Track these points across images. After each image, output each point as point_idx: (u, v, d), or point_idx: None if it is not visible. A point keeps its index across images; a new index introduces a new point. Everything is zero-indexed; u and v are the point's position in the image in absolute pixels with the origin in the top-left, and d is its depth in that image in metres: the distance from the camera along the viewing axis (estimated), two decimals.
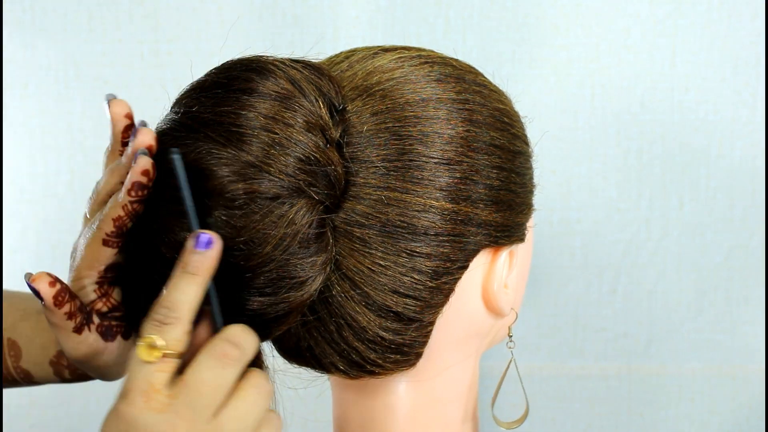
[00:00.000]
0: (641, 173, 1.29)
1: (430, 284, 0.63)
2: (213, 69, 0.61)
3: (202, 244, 0.56)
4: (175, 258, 0.58)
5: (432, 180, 0.62)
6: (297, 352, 0.66)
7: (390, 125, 0.62)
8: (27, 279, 0.61)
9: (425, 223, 0.61)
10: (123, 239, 0.61)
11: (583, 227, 1.30)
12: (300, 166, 0.58)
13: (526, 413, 0.75)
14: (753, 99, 1.27)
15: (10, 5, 1.26)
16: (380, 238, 0.61)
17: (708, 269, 1.30)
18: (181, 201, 0.57)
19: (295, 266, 0.59)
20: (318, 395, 0.75)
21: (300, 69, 0.61)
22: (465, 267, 0.64)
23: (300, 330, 0.63)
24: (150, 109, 0.65)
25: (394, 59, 0.65)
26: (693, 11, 1.25)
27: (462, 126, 0.63)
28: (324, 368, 0.65)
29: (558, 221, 1.29)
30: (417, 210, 0.61)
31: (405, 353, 0.65)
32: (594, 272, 1.31)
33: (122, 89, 1.26)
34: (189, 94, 0.61)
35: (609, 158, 1.28)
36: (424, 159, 0.62)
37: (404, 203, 0.61)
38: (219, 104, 0.58)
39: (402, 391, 0.68)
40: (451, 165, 0.62)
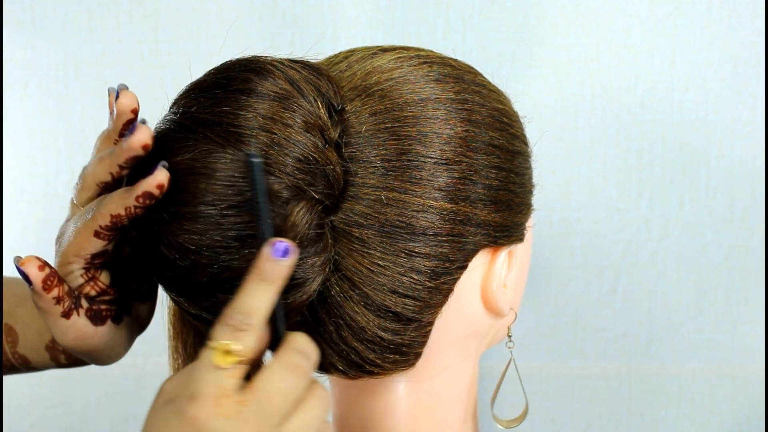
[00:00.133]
0: (641, 173, 1.28)
1: (429, 284, 0.63)
2: (211, 69, 0.61)
3: (279, 252, 0.55)
4: (175, 258, 0.58)
5: (431, 180, 0.61)
6: None
7: (389, 125, 0.62)
8: (16, 262, 0.61)
9: (424, 223, 0.61)
10: (116, 234, 0.61)
11: (583, 227, 1.30)
12: (299, 167, 0.58)
13: (526, 412, 0.75)
14: (753, 99, 1.27)
15: (10, 5, 1.26)
16: (379, 238, 0.61)
17: (708, 269, 1.30)
18: (256, 206, 0.55)
19: (295, 267, 0.59)
20: None
21: (299, 69, 0.60)
22: (464, 267, 0.64)
23: (299, 330, 0.63)
24: (150, 109, 0.65)
25: (393, 59, 0.65)
26: (693, 11, 1.25)
27: (461, 126, 0.63)
28: (323, 368, 0.65)
29: (558, 221, 1.29)
30: (416, 210, 0.61)
31: (404, 353, 0.65)
32: (594, 272, 1.30)
33: None
34: (187, 95, 0.61)
35: (609, 158, 1.28)
36: (423, 159, 0.62)
37: (403, 203, 0.61)
38: (218, 105, 0.58)
39: (401, 391, 0.68)
40: (450, 165, 0.62)
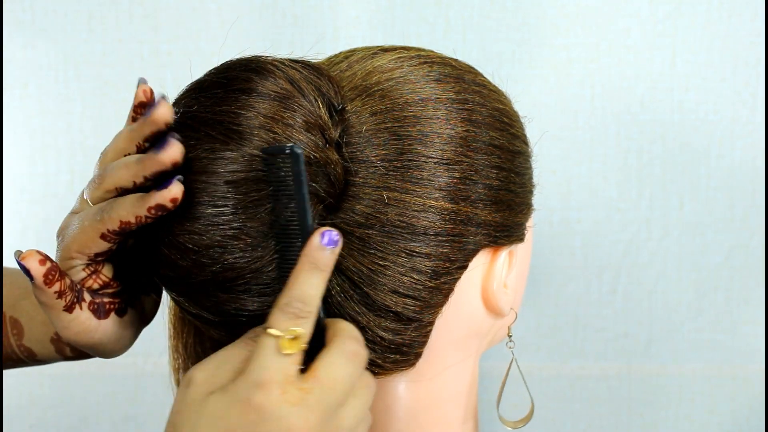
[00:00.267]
0: (641, 173, 1.28)
1: (430, 284, 0.63)
2: (212, 69, 0.61)
3: (332, 242, 0.57)
4: (176, 258, 0.58)
5: (431, 180, 0.61)
6: None
7: (389, 125, 0.62)
8: (17, 257, 0.60)
9: (424, 223, 0.61)
10: (122, 237, 0.61)
11: (583, 227, 1.30)
12: None
13: (532, 412, 0.75)
14: (753, 99, 1.27)
15: (10, 5, 1.26)
16: (379, 238, 0.61)
17: (708, 269, 1.30)
18: (299, 196, 0.56)
19: None
20: None
21: (299, 69, 0.60)
22: (464, 267, 0.64)
23: None
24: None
25: (394, 59, 0.65)
26: (693, 11, 1.25)
27: (461, 126, 0.63)
28: None
29: (558, 221, 1.29)
30: (416, 210, 0.61)
31: (404, 353, 0.65)
32: (594, 272, 1.30)
33: (122, 89, 1.26)
34: (188, 95, 0.61)
35: (609, 158, 1.28)
36: (424, 159, 0.62)
37: (403, 203, 0.61)
38: (218, 104, 0.58)
39: (402, 392, 0.68)
40: (451, 165, 0.62)
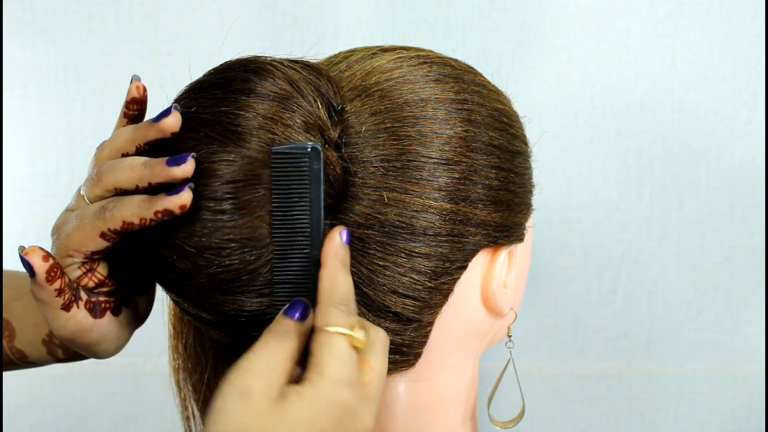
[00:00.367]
0: (641, 173, 1.28)
1: (429, 284, 0.63)
2: (211, 69, 0.61)
3: (349, 240, 0.60)
4: (174, 259, 0.58)
5: (431, 180, 0.61)
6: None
7: (389, 125, 0.62)
8: (20, 251, 0.60)
9: (424, 224, 0.61)
10: (121, 238, 0.60)
11: (583, 227, 1.30)
12: None
13: (522, 413, 0.75)
14: (753, 99, 1.27)
15: (10, 5, 1.26)
16: (379, 239, 0.61)
17: (708, 269, 1.30)
18: (315, 195, 0.59)
19: None
20: None
21: (298, 69, 0.60)
22: (464, 267, 0.64)
23: None
24: (150, 110, 0.65)
25: (393, 59, 0.65)
26: (693, 11, 1.25)
27: (460, 126, 0.63)
28: None
29: (558, 221, 1.29)
30: (416, 210, 0.61)
31: (404, 353, 0.65)
32: (594, 272, 1.30)
33: (122, 89, 1.26)
34: (187, 95, 0.61)
35: (609, 158, 1.28)
36: (423, 159, 0.62)
37: (403, 203, 0.61)
38: (217, 105, 0.58)
39: (401, 392, 0.68)
40: (450, 165, 0.62)
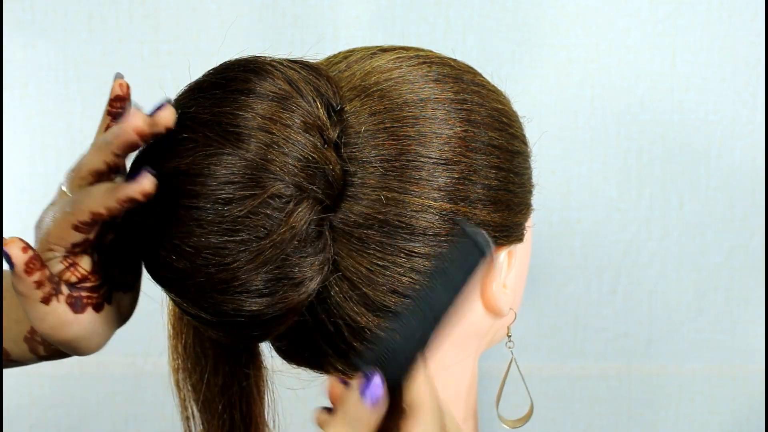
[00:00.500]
0: (641, 173, 1.28)
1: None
2: (211, 70, 0.61)
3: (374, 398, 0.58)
4: (173, 259, 0.58)
5: (430, 180, 0.61)
6: (295, 353, 0.66)
7: (388, 125, 0.62)
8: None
9: (423, 224, 0.61)
10: (97, 227, 0.60)
11: (583, 227, 1.30)
12: (298, 167, 0.58)
13: (531, 412, 0.74)
14: (753, 99, 1.27)
15: (10, 5, 1.26)
16: (378, 239, 0.61)
17: (708, 269, 1.30)
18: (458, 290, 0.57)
19: (294, 267, 0.58)
20: (317, 395, 0.75)
21: (298, 69, 0.60)
22: None
23: (298, 330, 0.63)
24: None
25: (392, 59, 0.65)
26: (693, 11, 1.25)
27: (460, 126, 0.63)
28: (323, 368, 0.65)
29: (558, 221, 1.29)
30: (415, 210, 0.61)
31: None
32: (594, 272, 1.30)
33: None
34: (187, 95, 0.61)
35: (609, 158, 1.28)
36: (422, 159, 0.61)
37: (402, 203, 0.61)
38: (217, 105, 0.58)
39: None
40: (449, 165, 0.62)
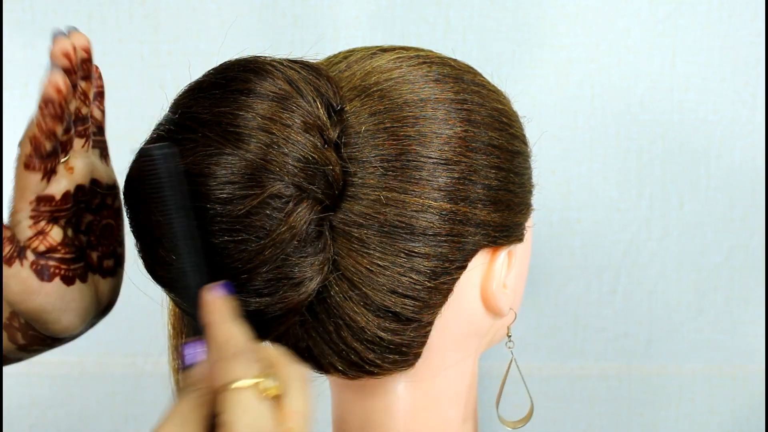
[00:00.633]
0: (641, 173, 1.28)
1: (429, 284, 0.63)
2: (211, 69, 0.61)
3: (223, 291, 0.56)
4: (173, 260, 0.58)
5: (430, 180, 0.61)
6: (295, 353, 0.66)
7: (388, 125, 0.62)
8: None
9: (423, 224, 0.61)
10: (46, 163, 0.61)
11: (583, 227, 1.30)
12: (298, 167, 0.58)
13: (531, 412, 0.75)
14: (753, 99, 1.27)
15: (10, 5, 1.26)
16: (378, 239, 0.61)
17: (708, 269, 1.30)
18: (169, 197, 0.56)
19: (293, 267, 0.59)
20: (317, 395, 0.75)
21: (298, 69, 0.60)
22: (463, 267, 0.64)
23: (298, 330, 0.63)
24: (150, 109, 0.65)
25: (393, 59, 0.65)
26: (693, 11, 1.25)
27: (460, 126, 0.63)
28: (322, 368, 0.65)
29: (558, 221, 1.29)
30: (415, 210, 0.61)
31: (404, 353, 0.65)
32: (594, 272, 1.30)
33: (122, 89, 1.27)
34: (187, 95, 0.61)
35: (609, 158, 1.28)
36: (423, 159, 0.62)
37: (402, 203, 0.61)
38: (217, 105, 0.58)
39: (401, 392, 0.68)
40: (450, 165, 0.62)
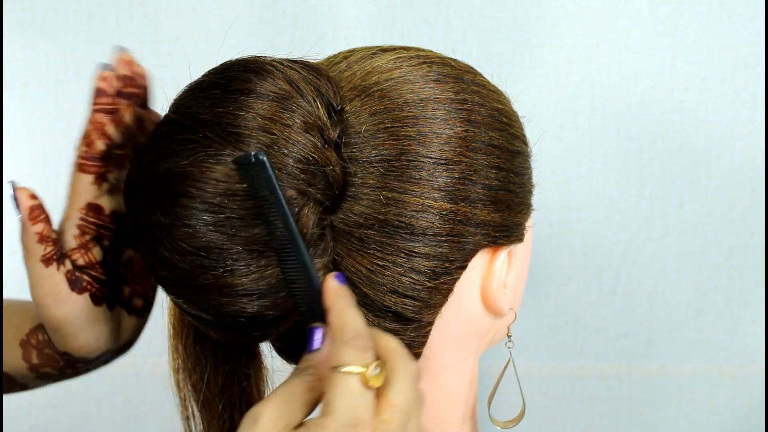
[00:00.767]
0: (641, 173, 1.29)
1: (429, 284, 0.62)
2: (211, 70, 0.61)
3: (343, 279, 0.58)
4: (175, 260, 0.58)
5: (430, 180, 0.61)
6: (296, 353, 0.66)
7: (388, 125, 0.62)
8: (12, 184, 0.63)
9: (423, 224, 0.61)
10: (98, 166, 0.63)
11: (583, 227, 1.30)
12: (298, 167, 0.58)
13: (522, 413, 0.75)
14: (753, 99, 1.27)
15: (10, 5, 1.26)
16: (378, 239, 0.61)
17: (708, 269, 1.30)
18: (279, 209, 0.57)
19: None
20: None
21: (298, 69, 0.60)
22: (463, 267, 0.64)
23: (299, 330, 0.63)
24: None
25: (393, 59, 0.65)
26: (693, 11, 1.26)
27: (460, 126, 0.63)
28: None
29: (558, 221, 1.29)
30: (415, 210, 0.61)
31: None
32: (594, 272, 1.31)
33: None
34: (187, 95, 0.61)
35: (609, 158, 1.28)
36: (423, 159, 0.61)
37: (402, 203, 0.61)
38: (217, 105, 0.58)
39: None
40: (450, 165, 0.62)
